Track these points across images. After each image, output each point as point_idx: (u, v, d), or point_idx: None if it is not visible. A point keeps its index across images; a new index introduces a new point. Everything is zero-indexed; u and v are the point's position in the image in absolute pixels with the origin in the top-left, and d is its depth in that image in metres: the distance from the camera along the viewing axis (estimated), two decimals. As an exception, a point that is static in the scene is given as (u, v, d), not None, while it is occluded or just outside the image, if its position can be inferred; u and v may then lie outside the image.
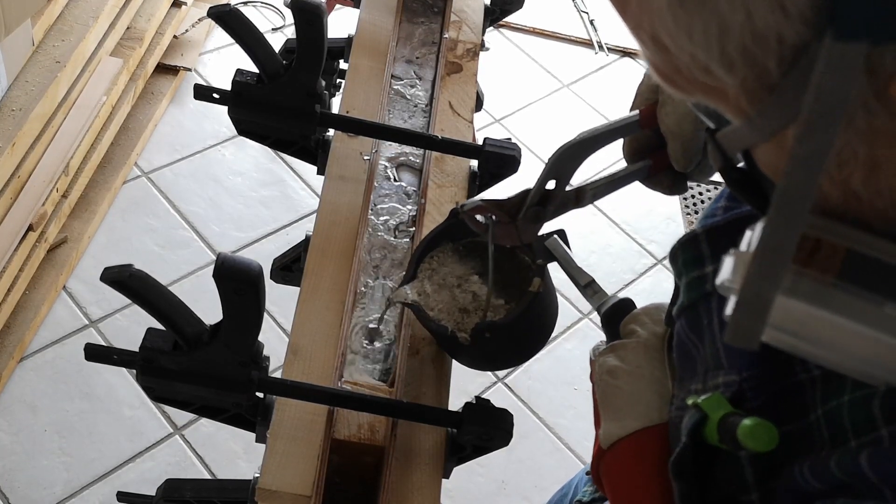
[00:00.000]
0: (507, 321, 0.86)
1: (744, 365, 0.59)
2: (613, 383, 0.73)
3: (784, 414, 0.55)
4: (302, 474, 0.83)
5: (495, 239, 0.81)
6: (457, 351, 0.92)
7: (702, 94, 0.46)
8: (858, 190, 0.44)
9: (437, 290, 0.91)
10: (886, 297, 0.43)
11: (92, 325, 2.12)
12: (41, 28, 2.13)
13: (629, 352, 0.74)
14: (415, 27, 1.31)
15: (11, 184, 1.98)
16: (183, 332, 0.81)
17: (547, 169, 0.78)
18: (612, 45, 3.28)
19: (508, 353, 0.93)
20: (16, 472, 1.85)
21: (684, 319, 0.66)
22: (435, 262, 0.94)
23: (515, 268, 0.93)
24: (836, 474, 0.49)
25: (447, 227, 0.95)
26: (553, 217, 0.80)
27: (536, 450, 2.13)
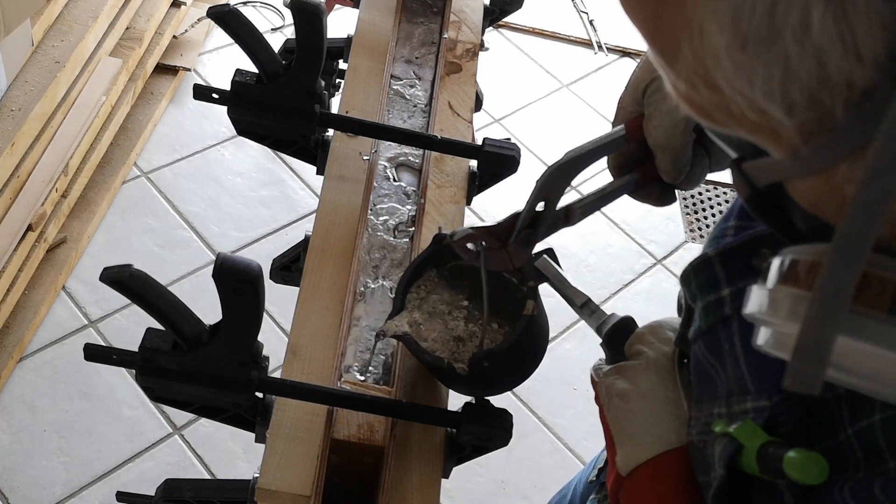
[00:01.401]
0: (505, 347, 0.86)
1: (773, 389, 0.58)
2: (626, 407, 0.72)
3: (813, 434, 0.55)
4: (301, 474, 0.83)
5: (488, 265, 0.80)
6: (453, 381, 0.91)
7: (746, 132, 0.45)
8: None
9: (428, 318, 0.91)
10: None
11: (91, 325, 2.12)
12: (41, 28, 2.14)
13: (639, 373, 0.73)
14: (414, 27, 1.31)
15: (11, 184, 1.98)
16: (182, 332, 0.81)
17: (536, 191, 0.77)
18: (612, 45, 3.28)
19: (505, 378, 0.92)
20: (15, 472, 1.86)
21: (702, 343, 0.66)
22: (423, 291, 0.93)
23: (504, 289, 0.92)
24: (880, 499, 0.49)
25: (430, 254, 0.93)
26: (544, 238, 0.79)
27: (536, 450, 2.14)
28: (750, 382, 0.60)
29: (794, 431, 0.56)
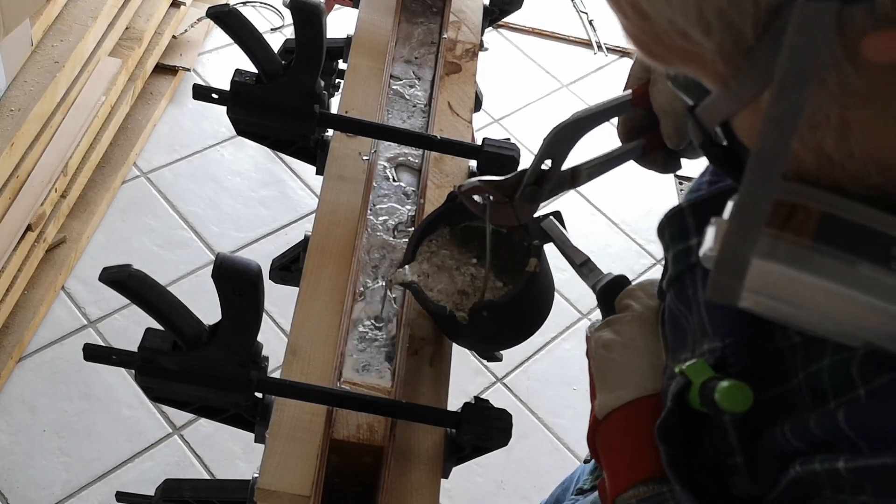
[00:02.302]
0: (505, 300, 0.88)
1: (726, 332, 0.60)
2: (608, 356, 0.74)
3: (766, 379, 0.57)
4: (301, 474, 0.83)
5: (492, 219, 0.83)
6: (455, 332, 0.93)
7: (680, 62, 0.47)
8: (831, 154, 0.45)
9: (436, 272, 0.93)
10: (861, 258, 0.45)
11: (91, 325, 2.12)
12: (40, 28, 2.13)
13: (624, 325, 0.75)
14: (414, 27, 1.31)
15: (10, 184, 1.98)
16: (182, 333, 0.81)
17: (542, 149, 0.79)
18: (611, 46, 3.28)
19: (506, 332, 0.94)
20: (15, 472, 1.85)
21: (673, 292, 0.68)
22: (434, 246, 0.95)
23: (512, 251, 0.94)
24: (815, 433, 0.51)
25: (445, 210, 0.96)
26: (549, 197, 0.82)
27: (535, 450, 2.14)
28: (708, 325, 0.62)
29: (743, 374, 0.57)
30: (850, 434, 0.48)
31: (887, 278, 0.45)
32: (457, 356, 0.97)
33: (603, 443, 0.72)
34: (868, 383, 0.49)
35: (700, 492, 0.60)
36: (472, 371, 2.24)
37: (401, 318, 0.96)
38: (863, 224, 0.45)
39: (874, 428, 0.48)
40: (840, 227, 0.46)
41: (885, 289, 0.45)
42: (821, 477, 0.51)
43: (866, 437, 0.48)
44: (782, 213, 0.46)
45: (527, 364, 2.30)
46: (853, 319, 0.46)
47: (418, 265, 0.93)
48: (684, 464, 0.61)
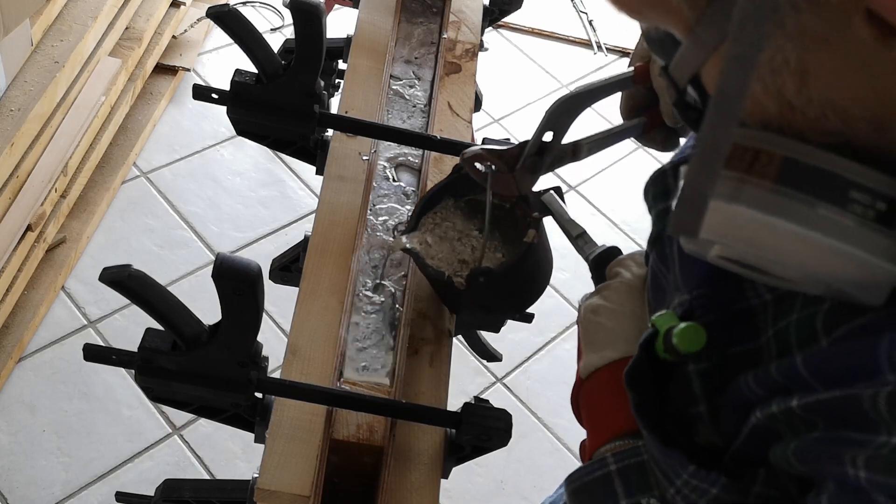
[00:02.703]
0: (502, 269, 0.90)
1: (694, 285, 0.62)
2: (595, 320, 0.76)
3: (735, 336, 0.58)
4: (301, 474, 0.83)
5: (493, 188, 0.84)
6: (455, 301, 0.95)
7: (650, 10, 0.49)
8: (792, 99, 0.47)
9: (439, 241, 0.95)
10: (820, 199, 0.47)
11: (91, 326, 2.12)
12: (40, 28, 2.13)
13: (612, 291, 0.78)
14: (413, 27, 1.31)
15: (10, 184, 1.98)
16: (182, 333, 0.81)
17: (544, 121, 0.81)
18: (611, 46, 3.28)
19: (503, 302, 0.95)
20: (14, 472, 1.85)
21: (655, 252, 0.70)
22: (438, 217, 0.97)
23: (514, 225, 0.96)
24: (775, 378, 0.53)
25: (450, 182, 0.98)
26: (550, 169, 0.83)
27: (535, 450, 2.14)
28: (680, 280, 0.64)
29: (710, 326, 0.59)
30: (805, 376, 0.50)
31: (845, 219, 0.46)
32: (457, 356, 0.97)
33: (585, 401, 0.74)
34: (829, 335, 0.50)
35: (665, 437, 0.61)
36: (472, 371, 2.24)
37: (401, 317, 0.96)
38: (822, 168, 0.47)
39: (828, 369, 0.49)
40: (800, 171, 0.47)
41: (843, 230, 0.46)
42: (778, 419, 0.52)
43: (820, 378, 0.50)
44: (747, 157, 0.48)
45: (527, 364, 2.30)
46: (813, 263, 0.48)
47: (421, 234, 0.95)
48: (651, 410, 0.63)
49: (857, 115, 0.46)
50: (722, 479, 0.57)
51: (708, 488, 0.58)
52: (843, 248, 0.47)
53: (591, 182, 2.80)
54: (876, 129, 0.46)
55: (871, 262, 0.47)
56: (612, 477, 0.67)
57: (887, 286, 0.48)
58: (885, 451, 0.45)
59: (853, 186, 0.46)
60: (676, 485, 0.60)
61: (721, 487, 0.58)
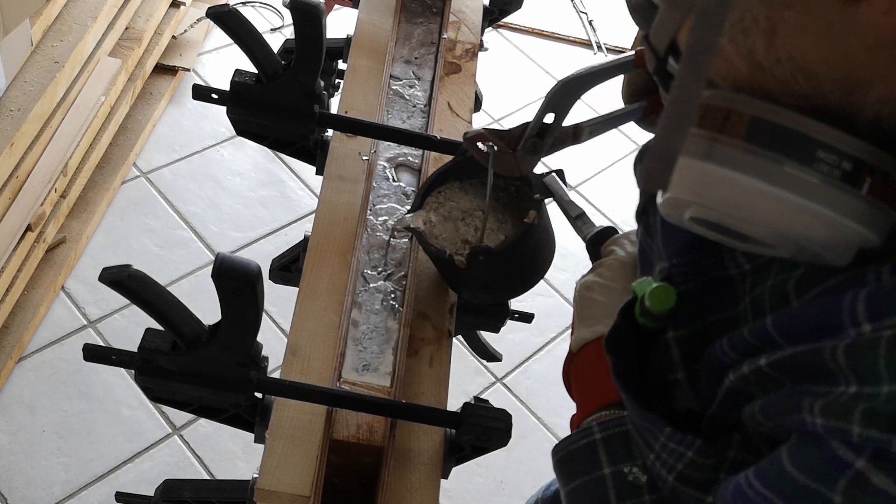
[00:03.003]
0: (502, 248, 0.91)
1: (673, 252, 0.63)
2: (588, 295, 0.78)
3: (714, 304, 0.60)
4: (300, 474, 0.83)
5: (495, 168, 0.86)
6: (456, 279, 0.96)
7: None
8: (761, 60, 0.48)
9: (442, 221, 0.96)
10: (787, 157, 0.48)
11: (90, 326, 2.12)
12: (40, 28, 2.13)
13: (605, 269, 0.80)
14: (413, 27, 1.31)
15: (10, 184, 1.98)
16: (181, 333, 0.81)
17: (545, 102, 0.82)
18: (611, 46, 3.28)
19: (502, 282, 0.97)
20: (14, 472, 1.85)
21: (642, 225, 0.71)
22: (442, 197, 0.99)
23: (518, 208, 0.97)
24: (748, 341, 0.54)
25: (455, 164, 0.99)
26: (551, 151, 0.85)
27: (535, 450, 2.14)
28: (661, 249, 0.66)
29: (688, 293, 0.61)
30: (775, 335, 0.52)
31: (811, 178, 0.48)
32: (456, 356, 0.97)
33: (575, 373, 0.76)
34: (800, 297, 0.52)
35: (644, 402, 0.62)
36: (472, 371, 2.24)
37: (401, 318, 0.96)
38: (789, 127, 0.48)
39: (795, 326, 0.51)
40: (768, 130, 0.49)
41: (810, 187, 0.48)
42: (748, 380, 0.54)
43: (787, 336, 0.51)
44: (718, 117, 0.50)
45: (526, 364, 2.30)
46: (781, 221, 0.49)
47: (425, 213, 0.96)
48: (631, 375, 0.64)
49: (824, 76, 0.47)
50: (697, 441, 0.58)
51: (684, 451, 0.59)
52: (808, 206, 0.48)
53: (592, 182, 2.80)
54: (843, 91, 0.47)
55: (837, 220, 0.48)
56: (596, 445, 0.68)
57: (853, 246, 0.49)
58: (843, 399, 0.46)
59: (819, 146, 0.48)
60: (655, 449, 0.61)
61: (696, 450, 0.59)
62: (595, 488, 0.67)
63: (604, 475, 0.66)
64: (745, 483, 0.53)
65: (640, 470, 0.65)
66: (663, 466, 0.61)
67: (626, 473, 0.65)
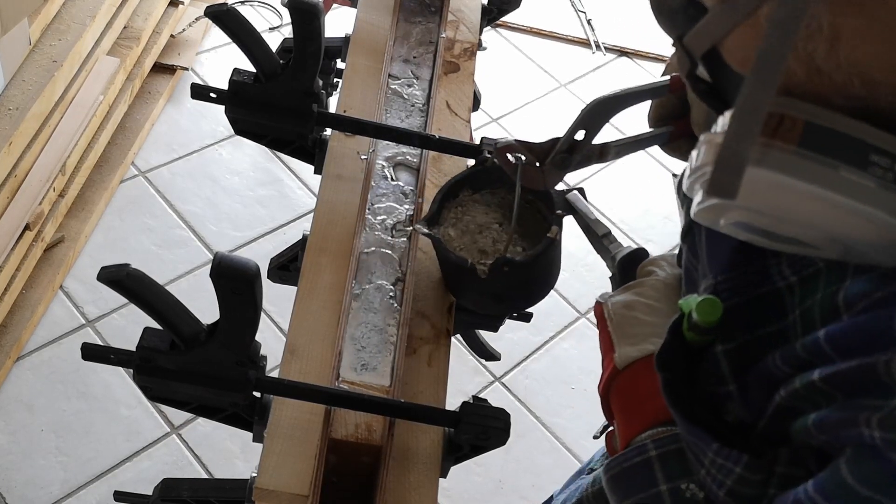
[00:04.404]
0: (526, 260, 0.92)
1: (719, 270, 0.64)
2: (630, 314, 0.77)
3: (761, 317, 0.60)
4: (299, 474, 0.83)
5: (521, 179, 0.87)
6: (467, 286, 0.97)
7: None
8: (821, 65, 0.49)
9: (460, 235, 0.98)
10: (841, 162, 0.48)
11: (89, 325, 2.12)
12: (38, 27, 2.13)
13: (647, 288, 0.79)
14: (412, 27, 1.31)
15: (8, 183, 1.98)
16: (180, 332, 0.81)
17: (578, 120, 0.83)
18: (610, 45, 3.28)
19: (517, 293, 0.98)
20: (13, 471, 1.85)
21: (686, 245, 0.72)
22: (459, 212, 1.00)
23: (534, 222, 0.98)
24: (801, 355, 0.54)
25: (469, 174, 1.00)
26: (577, 167, 0.86)
27: (534, 449, 2.14)
28: (706, 266, 0.66)
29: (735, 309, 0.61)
30: (827, 350, 0.52)
31: (866, 181, 0.48)
32: (455, 356, 0.97)
33: (620, 391, 0.75)
34: (850, 309, 0.53)
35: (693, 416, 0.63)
36: (471, 370, 2.24)
37: (400, 317, 0.96)
38: (844, 132, 0.49)
39: (846, 340, 0.51)
40: (823, 135, 0.49)
41: (864, 191, 0.48)
42: (800, 395, 0.54)
43: (839, 350, 0.51)
44: (772, 123, 0.50)
45: (525, 363, 2.30)
46: (833, 224, 0.50)
47: (444, 229, 0.97)
48: (680, 390, 0.65)
49: (881, 80, 0.48)
50: (744, 457, 0.59)
51: (732, 467, 0.59)
52: (864, 210, 0.48)
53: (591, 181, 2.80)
54: None
55: (890, 222, 0.48)
56: (651, 462, 0.68)
57: None
58: None
59: (873, 150, 0.48)
60: (705, 465, 0.62)
61: (744, 466, 0.59)
62: None
63: (661, 492, 0.66)
64: (805, 496, 0.53)
65: (696, 486, 0.65)
66: (713, 482, 0.61)
67: (684, 490, 0.65)
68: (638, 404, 0.73)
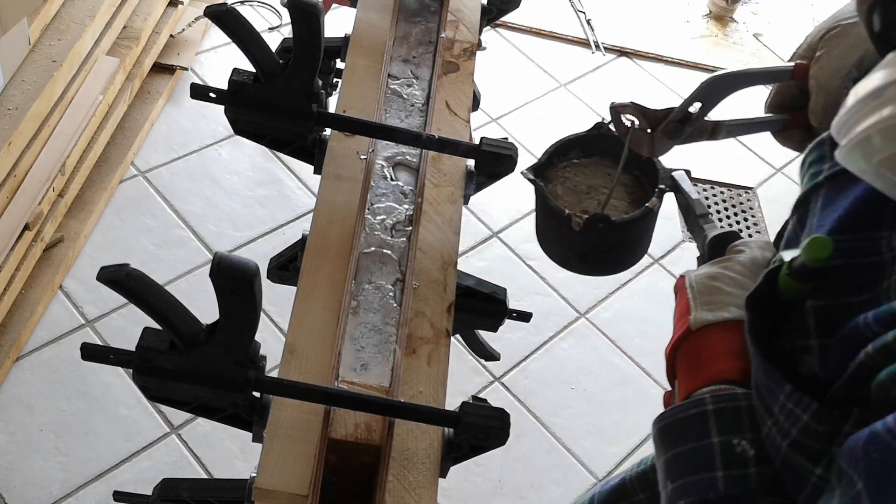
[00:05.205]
0: (620, 221, 0.94)
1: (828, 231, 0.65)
2: (714, 284, 0.79)
3: (858, 286, 0.61)
4: (299, 474, 0.83)
5: (631, 144, 0.89)
6: (558, 239, 0.99)
7: None
8: None
9: (567, 193, 1.00)
10: None
11: (88, 325, 2.11)
12: (38, 27, 2.13)
13: (734, 263, 0.81)
14: (411, 26, 1.31)
15: (8, 183, 1.98)
16: (180, 332, 0.81)
17: (695, 92, 0.85)
18: (609, 45, 3.28)
19: (602, 256, 0.99)
20: (12, 471, 1.85)
21: (796, 216, 0.74)
22: (568, 171, 1.02)
23: (637, 194, 1.00)
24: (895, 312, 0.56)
25: (583, 136, 1.02)
26: (687, 141, 0.88)
27: (533, 449, 2.14)
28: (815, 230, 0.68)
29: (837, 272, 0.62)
30: None
31: None
32: (455, 356, 0.97)
33: (688, 351, 0.77)
34: None
35: (772, 360, 0.64)
36: (470, 370, 2.24)
37: (399, 317, 0.96)
38: None
39: None
40: None
41: None
42: (889, 350, 0.55)
43: None
44: None
45: (525, 363, 2.30)
46: None
47: (552, 186, 0.99)
48: (763, 332, 0.66)
49: None
50: (814, 405, 0.59)
51: (800, 414, 0.60)
52: None
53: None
54: None
55: None
56: (707, 415, 0.69)
57: None
58: None
59: None
60: (774, 412, 0.62)
61: (812, 414, 0.59)
62: (700, 455, 0.68)
63: (711, 443, 0.67)
64: (884, 429, 0.53)
65: (748, 444, 0.66)
66: (779, 432, 0.62)
67: (735, 445, 0.66)
68: (704, 364, 0.74)
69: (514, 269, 2.48)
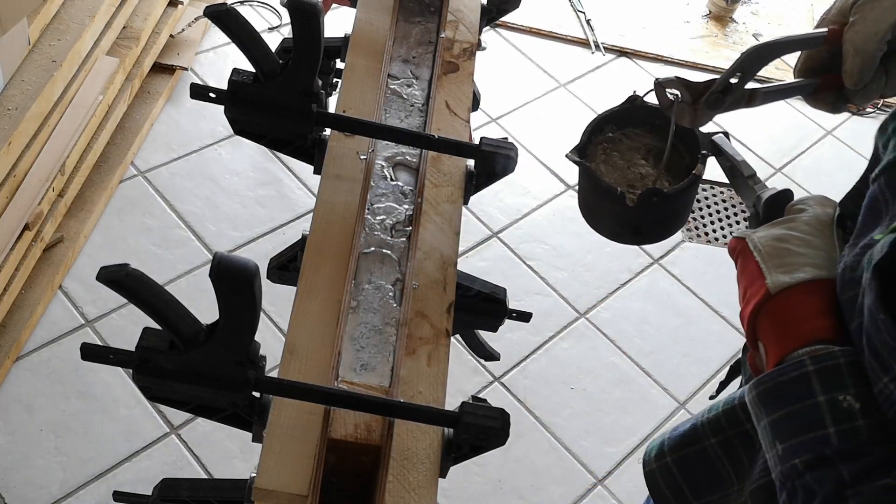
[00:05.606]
0: (673, 192, 0.96)
1: None
2: (783, 246, 0.80)
3: None
4: (298, 474, 0.83)
5: (676, 117, 0.92)
6: (610, 216, 1.01)
7: None
8: None
9: (610, 170, 1.02)
10: None
11: (88, 325, 2.12)
12: (37, 27, 2.13)
13: (799, 223, 0.82)
14: (411, 26, 1.31)
15: (7, 183, 1.98)
16: (179, 332, 0.81)
17: (736, 63, 0.89)
18: (609, 45, 3.28)
19: (655, 227, 1.01)
20: (11, 472, 1.85)
21: (884, 178, 0.75)
22: (607, 147, 1.03)
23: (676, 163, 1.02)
24: None
25: (616, 111, 1.03)
26: (728, 110, 0.92)
27: (533, 449, 2.14)
28: None
29: None
30: None
31: None
32: (454, 356, 0.97)
33: (772, 314, 0.78)
34: None
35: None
36: (470, 370, 2.24)
37: (399, 317, 0.96)
38: None
39: None
40: None
41: None
42: None
43: None
44: None
45: (524, 363, 2.30)
46: None
47: (595, 164, 1.01)
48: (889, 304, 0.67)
49: None
50: None
51: None
52: None
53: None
54: None
55: None
56: (809, 376, 0.71)
57: None
58: None
59: None
60: (893, 369, 0.65)
61: None
62: (808, 415, 0.70)
63: (818, 402, 0.70)
64: None
65: (853, 398, 0.68)
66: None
67: (841, 401, 0.69)
68: (793, 325, 0.76)
69: (514, 269, 2.48)
